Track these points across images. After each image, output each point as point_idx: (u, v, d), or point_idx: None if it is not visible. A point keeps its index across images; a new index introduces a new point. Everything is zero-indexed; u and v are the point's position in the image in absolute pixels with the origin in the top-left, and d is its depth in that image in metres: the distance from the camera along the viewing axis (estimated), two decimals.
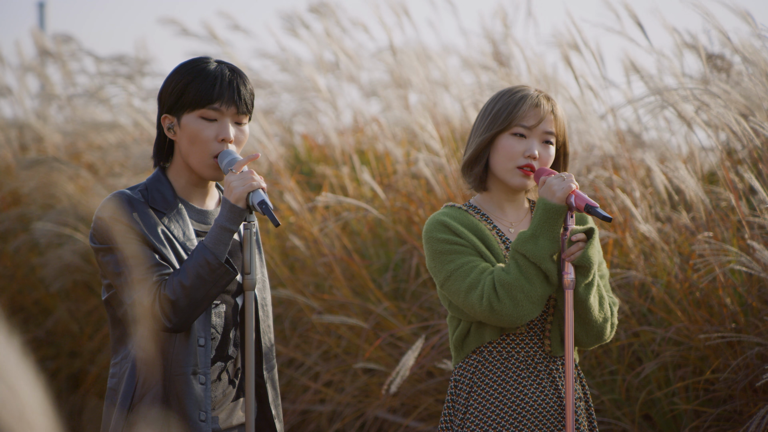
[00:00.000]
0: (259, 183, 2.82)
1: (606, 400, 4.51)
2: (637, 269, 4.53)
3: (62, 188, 7.33)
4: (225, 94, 2.86)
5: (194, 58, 2.91)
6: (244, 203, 2.82)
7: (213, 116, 2.87)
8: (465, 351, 3.04)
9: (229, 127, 2.88)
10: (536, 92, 3.05)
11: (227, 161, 2.86)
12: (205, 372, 2.87)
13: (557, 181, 2.94)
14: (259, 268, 3.00)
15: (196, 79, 2.86)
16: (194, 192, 2.95)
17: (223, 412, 2.95)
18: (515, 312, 2.91)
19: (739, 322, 4.28)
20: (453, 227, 3.00)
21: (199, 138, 2.87)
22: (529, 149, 3.01)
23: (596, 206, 2.90)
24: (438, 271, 3.00)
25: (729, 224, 4.46)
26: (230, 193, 2.82)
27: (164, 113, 2.91)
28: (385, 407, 5.18)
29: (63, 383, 7.23)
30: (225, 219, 2.81)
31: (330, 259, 5.56)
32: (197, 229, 2.93)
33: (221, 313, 2.93)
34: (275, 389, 3.04)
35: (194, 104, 2.86)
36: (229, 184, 2.82)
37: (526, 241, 2.92)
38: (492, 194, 3.10)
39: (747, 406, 4.17)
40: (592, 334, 3.01)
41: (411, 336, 5.18)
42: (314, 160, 6.79)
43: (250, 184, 2.81)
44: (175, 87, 2.88)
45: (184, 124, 2.88)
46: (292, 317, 5.72)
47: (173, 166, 2.95)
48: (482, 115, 3.07)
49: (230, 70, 2.89)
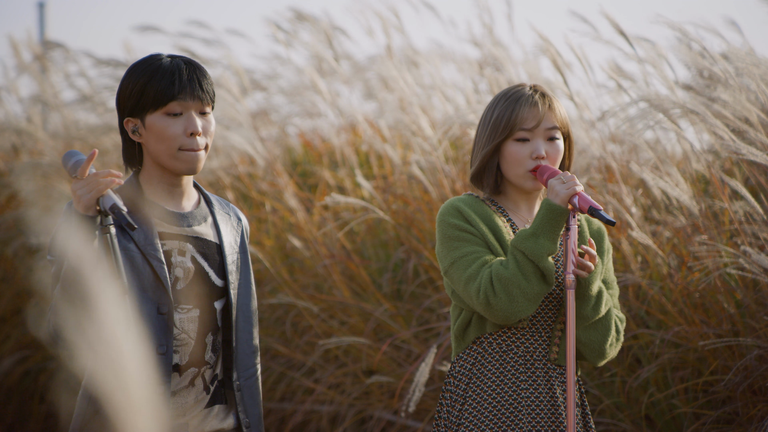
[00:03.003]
0: (107, 183, 2.68)
1: (606, 403, 4.53)
2: (634, 272, 4.55)
3: (59, 191, 7.33)
4: (186, 88, 2.82)
5: (145, 57, 2.86)
6: (94, 210, 2.68)
7: (177, 110, 2.82)
8: (466, 341, 3.05)
9: (196, 120, 2.83)
10: (531, 91, 3.04)
11: (72, 163, 2.74)
12: (166, 380, 2.81)
13: (560, 182, 2.95)
14: (234, 273, 2.93)
15: (154, 78, 2.81)
16: (168, 193, 2.88)
17: (194, 419, 2.88)
18: (510, 307, 2.92)
19: (737, 324, 4.30)
20: (466, 214, 3.01)
21: (167, 135, 2.82)
22: (536, 150, 3.02)
23: (600, 209, 2.91)
24: (444, 257, 3.01)
25: (722, 229, 4.48)
26: (78, 202, 2.67)
27: (125, 117, 2.85)
28: (390, 410, 5.18)
29: (63, 383, 7.21)
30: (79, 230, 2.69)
31: (330, 261, 5.57)
32: (166, 230, 2.85)
33: (195, 317, 2.86)
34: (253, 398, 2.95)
35: (156, 103, 2.81)
36: (74, 193, 2.68)
37: (526, 239, 2.93)
38: (508, 195, 3.11)
39: (746, 407, 4.19)
40: (594, 354, 3.04)
41: (412, 339, 5.19)
42: (311, 161, 6.80)
43: (96, 189, 2.67)
44: (133, 89, 2.82)
45: (150, 124, 2.83)
46: (291, 319, 5.72)
47: (144, 170, 2.88)
48: (482, 125, 3.08)
49: (186, 63, 2.84)
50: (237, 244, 2.97)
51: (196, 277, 2.88)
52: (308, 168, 6.68)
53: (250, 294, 2.98)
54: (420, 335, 5.17)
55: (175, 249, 2.86)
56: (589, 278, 2.97)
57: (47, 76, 8.48)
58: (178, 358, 2.85)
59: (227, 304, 2.91)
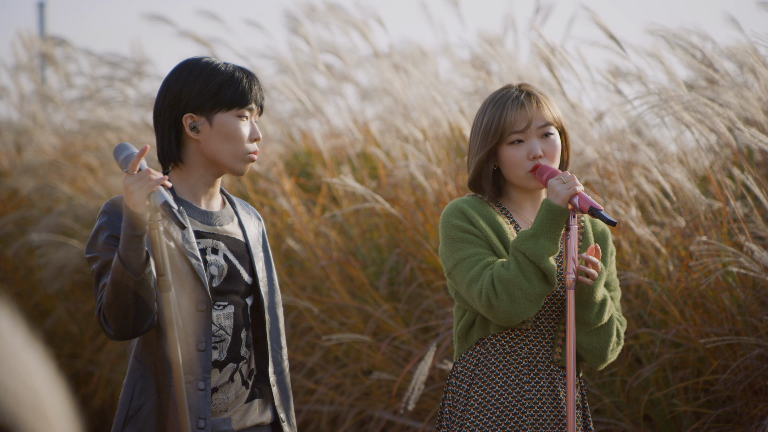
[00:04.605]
0: (158, 180, 2.72)
1: (606, 402, 4.53)
2: (634, 272, 4.54)
3: (61, 190, 7.33)
4: (258, 96, 2.94)
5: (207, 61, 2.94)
6: (142, 207, 2.71)
7: (247, 114, 2.92)
8: (469, 342, 3.05)
9: (257, 127, 2.95)
10: (517, 92, 3.04)
11: (123, 157, 2.78)
12: (205, 377, 2.86)
13: (560, 182, 2.95)
14: (262, 270, 3.00)
15: (230, 81, 2.90)
16: (202, 192, 2.95)
17: (236, 414, 2.94)
18: (512, 309, 2.92)
19: (737, 323, 4.29)
20: (470, 215, 3.02)
21: (237, 135, 2.90)
22: (532, 150, 3.02)
23: (601, 209, 2.91)
24: (447, 258, 3.02)
25: (722, 228, 4.47)
26: (129, 198, 2.71)
27: (187, 113, 2.91)
28: (390, 411, 5.18)
29: (63, 384, 7.21)
30: (127, 225, 2.72)
31: (327, 262, 5.57)
32: (200, 230, 2.92)
33: (230, 314, 2.93)
34: (285, 393, 3.03)
35: (232, 104, 2.90)
36: (126, 188, 2.71)
37: (526, 240, 2.93)
38: (510, 197, 3.11)
39: (747, 407, 4.19)
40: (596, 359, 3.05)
41: (411, 339, 5.19)
42: (313, 162, 6.79)
43: (147, 186, 2.71)
44: (205, 87, 2.89)
45: (219, 123, 2.90)
46: (291, 320, 5.72)
47: (185, 168, 2.94)
48: (474, 131, 3.08)
49: (248, 73, 2.95)
50: (260, 242, 3.04)
51: (230, 274, 2.94)
52: (310, 169, 6.68)
53: (275, 290, 3.05)
54: (419, 336, 5.17)
55: (209, 247, 2.93)
56: (593, 285, 2.97)
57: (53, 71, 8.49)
58: (218, 354, 2.91)
59: (256, 300, 2.98)
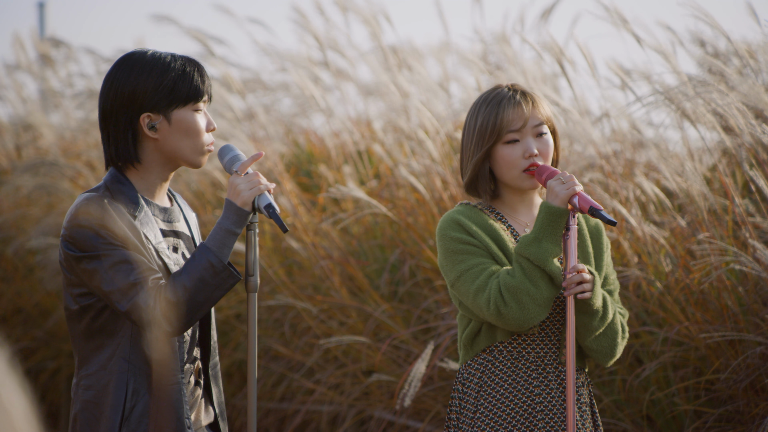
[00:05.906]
0: (267, 185, 2.83)
1: (607, 401, 4.52)
2: (634, 267, 4.53)
3: (62, 189, 7.32)
4: (208, 86, 2.92)
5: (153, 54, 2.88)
6: (250, 206, 2.82)
7: (201, 108, 2.90)
8: (474, 350, 3.04)
9: (210, 117, 2.94)
10: (510, 91, 3.03)
11: (229, 158, 2.89)
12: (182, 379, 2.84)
13: (560, 183, 2.94)
14: None
15: (183, 76, 2.87)
16: (159, 189, 2.91)
17: (193, 413, 2.91)
18: (522, 315, 2.92)
19: (739, 322, 4.28)
20: (467, 226, 3.00)
21: (196, 129, 2.88)
22: (528, 150, 3.01)
23: (600, 209, 2.90)
24: (449, 271, 3.01)
25: (725, 225, 4.46)
26: (237, 196, 2.82)
27: (143, 112, 2.86)
28: (390, 411, 5.18)
29: (63, 383, 7.23)
30: (231, 222, 2.80)
31: (328, 262, 5.56)
32: (163, 228, 2.89)
33: None
34: (218, 386, 2.99)
35: (188, 99, 2.87)
36: (235, 187, 2.82)
37: (529, 245, 2.93)
38: (504, 199, 3.10)
39: (748, 406, 4.18)
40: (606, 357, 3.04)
41: (411, 339, 5.18)
42: (315, 160, 6.78)
43: (257, 188, 2.82)
44: (159, 85, 2.85)
45: (177, 119, 2.86)
46: (290, 320, 5.71)
47: (141, 167, 2.89)
48: (467, 133, 3.06)
49: (197, 64, 2.92)
50: (199, 236, 3.03)
51: None
52: (311, 169, 6.67)
53: None
54: (419, 336, 5.16)
55: (170, 245, 2.90)
56: (591, 296, 2.96)
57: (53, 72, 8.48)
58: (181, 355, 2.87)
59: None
